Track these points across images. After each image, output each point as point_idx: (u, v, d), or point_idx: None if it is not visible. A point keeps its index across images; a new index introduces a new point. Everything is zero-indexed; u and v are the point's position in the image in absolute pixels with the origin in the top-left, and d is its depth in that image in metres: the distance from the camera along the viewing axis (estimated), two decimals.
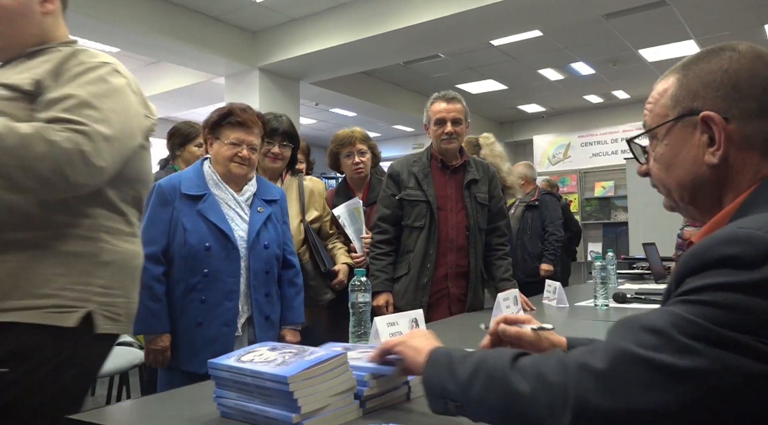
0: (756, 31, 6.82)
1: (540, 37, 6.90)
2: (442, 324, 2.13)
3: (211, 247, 1.86)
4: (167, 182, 1.93)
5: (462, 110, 2.45)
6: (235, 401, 0.97)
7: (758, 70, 0.79)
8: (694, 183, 0.83)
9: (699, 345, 0.62)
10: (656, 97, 0.88)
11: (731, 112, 0.78)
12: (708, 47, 0.85)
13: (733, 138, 0.78)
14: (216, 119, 1.97)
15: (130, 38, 5.77)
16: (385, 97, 9.05)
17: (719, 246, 0.66)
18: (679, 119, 0.83)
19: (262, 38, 6.68)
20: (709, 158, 0.80)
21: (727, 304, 0.62)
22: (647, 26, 6.62)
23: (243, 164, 1.94)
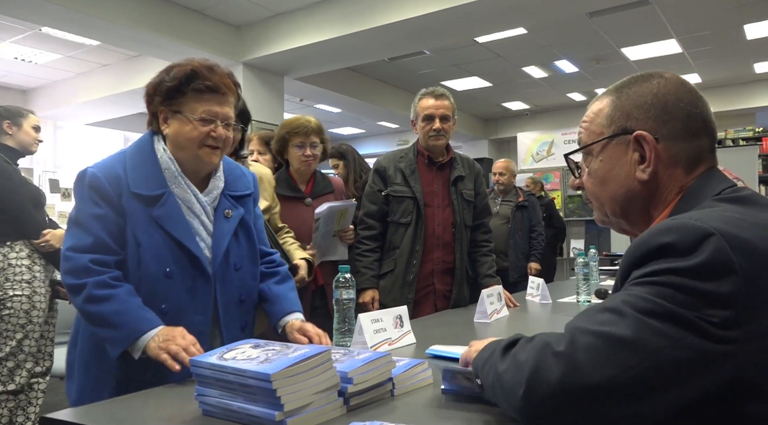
0: (736, 30, 6.92)
1: (524, 35, 6.93)
2: (427, 320, 2.13)
3: (172, 273, 1.37)
4: (106, 171, 1.37)
5: (450, 106, 2.44)
6: (217, 399, 0.96)
7: (683, 96, 0.88)
8: (626, 197, 0.90)
9: (649, 319, 0.67)
10: (592, 116, 0.95)
11: (660, 132, 0.86)
12: (637, 74, 0.94)
13: (661, 156, 0.87)
14: (174, 85, 1.40)
15: (111, 31, 5.68)
16: (370, 93, 9.03)
17: (657, 236, 0.73)
18: (613, 137, 0.90)
19: (246, 33, 6.62)
20: (640, 174, 0.88)
21: (672, 284, 0.68)
22: (630, 25, 6.68)
23: (217, 149, 1.42)
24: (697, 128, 0.87)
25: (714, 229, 0.69)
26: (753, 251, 0.69)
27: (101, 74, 8.11)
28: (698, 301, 0.67)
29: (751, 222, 0.73)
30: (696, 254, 0.68)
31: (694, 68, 8.39)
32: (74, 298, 1.31)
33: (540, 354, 0.70)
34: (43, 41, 6.88)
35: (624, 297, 0.70)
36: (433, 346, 1.49)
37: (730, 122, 8.76)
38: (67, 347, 1.48)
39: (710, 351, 0.66)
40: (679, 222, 0.72)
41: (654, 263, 0.71)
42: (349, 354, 1.08)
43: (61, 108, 8.73)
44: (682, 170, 0.87)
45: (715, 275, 0.67)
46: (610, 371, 0.65)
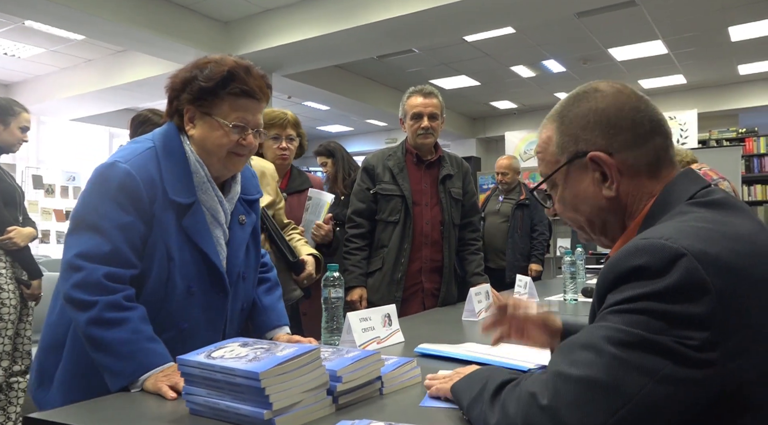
0: (721, 32, 7.00)
1: (513, 34, 6.95)
2: (416, 319, 2.13)
3: (195, 291, 1.28)
4: (140, 170, 1.22)
5: (439, 105, 2.44)
6: (204, 398, 0.95)
7: (623, 103, 0.88)
8: (599, 216, 0.91)
9: (626, 352, 0.67)
10: (543, 146, 0.95)
11: (612, 147, 0.87)
12: (573, 92, 0.94)
13: (621, 169, 0.87)
14: (208, 86, 1.27)
15: (96, 26, 5.60)
16: (358, 91, 9.01)
17: (628, 259, 0.72)
18: (569, 163, 0.91)
19: (234, 28, 6.57)
20: (607, 192, 0.88)
21: (646, 310, 0.68)
22: (617, 26, 6.73)
23: (243, 156, 1.34)
24: (645, 131, 0.87)
25: (685, 248, 0.69)
26: (725, 267, 0.68)
27: (86, 69, 8.01)
28: (672, 325, 0.66)
29: (723, 233, 0.72)
30: (667, 276, 0.68)
31: (679, 69, 8.49)
32: (78, 314, 1.15)
33: (527, 408, 0.69)
34: (27, 35, 6.77)
35: (600, 331, 0.70)
36: (422, 344, 1.49)
37: (714, 123, 8.88)
38: (39, 350, 1.30)
39: (691, 378, 0.66)
40: (649, 242, 0.72)
41: (627, 287, 0.71)
42: (337, 353, 1.08)
43: (44, 103, 8.61)
44: (645, 177, 0.87)
45: (688, 296, 0.67)
46: (596, 420, 0.65)
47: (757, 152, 7.54)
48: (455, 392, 0.93)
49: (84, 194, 1.25)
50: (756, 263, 0.71)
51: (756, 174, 7.50)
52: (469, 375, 0.92)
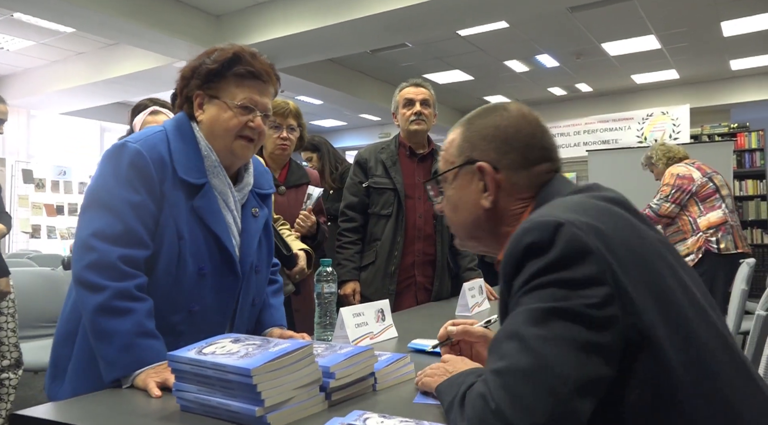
0: (713, 27, 7.02)
1: (506, 29, 6.94)
2: (409, 314, 2.13)
3: (206, 272, 1.27)
4: (150, 149, 1.23)
5: (430, 94, 2.45)
6: (195, 394, 0.94)
7: (522, 128, 0.96)
8: (473, 223, 0.98)
9: (543, 328, 0.71)
10: (446, 146, 1.02)
11: (501, 163, 0.95)
12: (487, 106, 1.02)
13: (502, 185, 0.95)
14: (215, 68, 1.30)
15: (87, 18, 5.54)
16: (351, 85, 8.98)
17: (518, 241, 0.79)
18: (461, 167, 0.98)
19: (225, 22, 6.52)
20: (484, 202, 0.95)
21: (548, 283, 0.74)
22: (610, 20, 6.74)
23: (252, 141, 1.33)
24: (535, 157, 0.95)
25: (563, 219, 0.76)
26: (597, 230, 0.76)
27: (76, 62, 7.93)
28: (574, 288, 0.72)
29: (589, 207, 0.81)
30: (555, 245, 0.74)
31: (672, 64, 8.51)
32: (87, 296, 1.14)
33: (481, 414, 0.71)
34: (16, 27, 6.69)
35: (518, 318, 0.74)
36: (415, 340, 1.48)
37: (706, 118, 8.92)
38: (54, 344, 1.29)
39: (603, 342, 0.70)
40: (532, 221, 0.79)
41: (526, 268, 0.76)
42: (330, 349, 1.07)
43: (34, 96, 8.53)
44: (525, 195, 0.95)
45: (577, 259, 0.73)
46: (542, 407, 0.67)
47: (748, 147, 7.58)
48: (439, 393, 0.94)
49: (96, 174, 1.25)
50: (615, 230, 0.78)
51: (747, 169, 7.54)
52: (452, 377, 0.93)
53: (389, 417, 0.84)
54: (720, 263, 3.52)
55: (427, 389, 1.02)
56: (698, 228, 3.60)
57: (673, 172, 3.74)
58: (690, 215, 3.66)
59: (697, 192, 3.65)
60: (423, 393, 1.04)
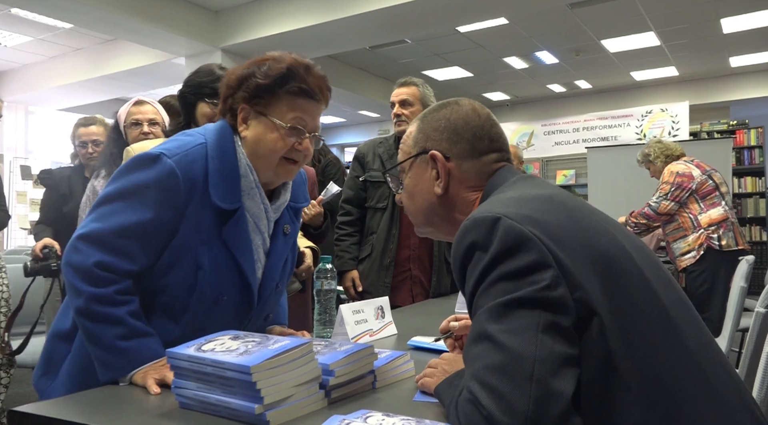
0: (713, 24, 7.01)
1: (505, 25, 6.93)
2: (408, 310, 2.13)
3: (225, 300, 1.21)
4: (185, 169, 1.14)
5: (415, 92, 2.45)
6: (194, 391, 0.93)
7: (471, 120, 1.03)
8: (428, 209, 1.05)
9: (507, 323, 0.73)
10: (405, 139, 1.09)
11: (451, 152, 1.02)
12: (442, 102, 1.09)
13: (453, 173, 1.02)
14: (266, 83, 1.19)
15: (85, 14, 5.52)
16: (350, 82, 8.97)
17: (461, 241, 0.83)
18: (416, 156, 1.05)
19: (224, 18, 6.50)
20: (436, 189, 1.02)
21: (497, 277, 0.77)
22: (610, 17, 6.73)
23: (297, 163, 1.24)
24: (483, 147, 1.02)
25: (498, 213, 0.80)
26: (533, 219, 0.80)
27: (74, 58, 7.91)
28: (523, 277, 0.75)
29: (524, 199, 0.87)
30: (495, 240, 0.78)
31: (671, 61, 8.50)
32: (70, 299, 1.13)
33: (474, 420, 0.71)
34: (13, 23, 6.67)
35: (480, 319, 0.77)
36: (415, 337, 1.48)
37: (705, 115, 8.92)
38: (49, 337, 1.26)
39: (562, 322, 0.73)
40: (470, 219, 0.83)
41: (473, 267, 0.80)
42: (330, 346, 1.07)
43: (32, 92, 8.51)
44: (474, 183, 1.01)
45: (518, 248, 0.77)
46: (520, 394, 0.68)
47: (747, 145, 7.59)
48: (438, 394, 0.94)
49: (118, 176, 1.18)
50: (549, 215, 0.82)
51: (746, 166, 7.55)
52: (450, 377, 0.93)
53: (391, 416, 0.84)
54: (721, 259, 3.53)
55: (426, 390, 1.02)
56: (699, 225, 3.60)
57: (673, 170, 3.73)
58: (690, 212, 3.66)
59: (697, 190, 3.65)
60: (423, 392, 1.04)
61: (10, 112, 8.75)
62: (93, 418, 0.90)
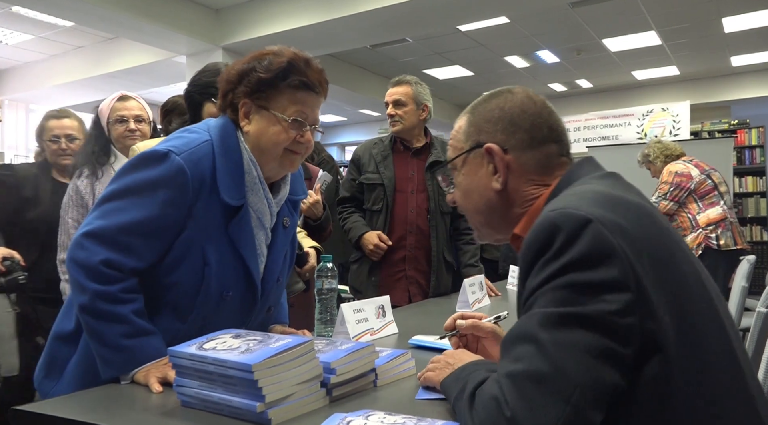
0: (714, 23, 7.01)
1: (507, 24, 6.92)
2: (409, 310, 2.13)
3: (229, 296, 1.23)
4: (194, 166, 1.15)
5: (407, 91, 2.44)
6: (196, 390, 0.94)
7: (528, 107, 0.95)
8: (486, 207, 0.97)
9: (559, 333, 0.69)
10: (454, 134, 1.02)
11: (509, 143, 0.94)
12: (491, 91, 1.01)
13: (511, 166, 0.94)
14: (267, 77, 1.21)
15: (86, 12, 5.52)
16: (351, 80, 8.96)
17: (539, 232, 0.76)
18: (470, 151, 0.97)
19: (225, 16, 6.50)
20: (495, 185, 0.95)
21: (566, 284, 0.71)
22: (611, 16, 6.72)
23: (299, 155, 1.26)
24: (542, 136, 0.94)
25: (590, 215, 0.73)
26: (624, 231, 0.73)
27: (75, 57, 7.91)
28: (594, 292, 0.70)
29: (617, 201, 0.78)
30: (578, 243, 0.72)
31: (672, 61, 8.50)
32: (74, 295, 1.13)
33: (494, 418, 0.70)
34: (14, 21, 6.67)
35: (532, 319, 0.72)
36: (416, 336, 1.48)
37: (706, 115, 8.91)
38: (51, 339, 1.26)
39: (622, 352, 0.69)
40: (557, 213, 0.76)
41: (545, 263, 0.74)
42: (331, 345, 1.07)
43: (33, 91, 8.51)
44: (535, 176, 0.94)
45: (601, 261, 0.70)
46: (555, 413, 0.66)
47: (748, 144, 7.58)
48: (443, 388, 0.94)
49: (126, 168, 1.17)
50: (643, 230, 0.75)
51: (747, 166, 7.54)
52: (456, 371, 0.92)
53: (392, 414, 0.84)
54: (719, 258, 3.53)
55: (430, 383, 1.01)
56: (698, 225, 3.60)
57: (672, 170, 3.74)
58: (689, 212, 3.66)
59: (696, 189, 3.65)
60: (425, 388, 1.04)
61: (11, 110, 8.76)
62: (95, 417, 0.91)
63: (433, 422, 0.80)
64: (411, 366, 1.16)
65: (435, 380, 0.99)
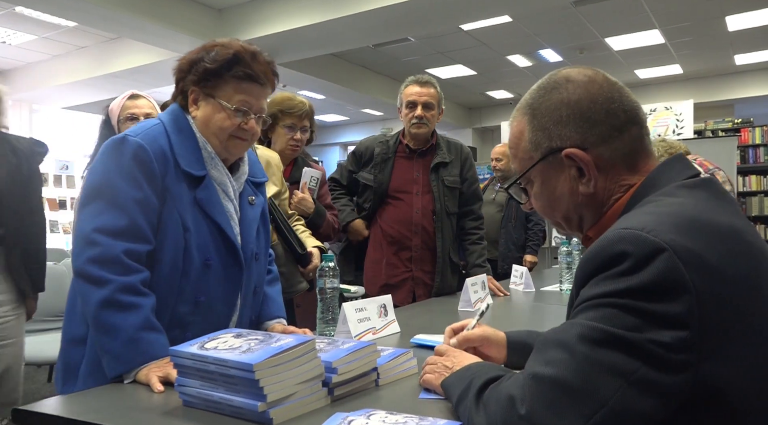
0: (718, 22, 6.98)
1: (509, 23, 6.91)
2: (411, 309, 2.13)
3: (212, 262, 1.28)
4: (152, 143, 1.23)
5: (435, 95, 2.42)
6: (198, 389, 0.94)
7: (595, 94, 0.84)
8: (576, 212, 0.88)
9: (598, 351, 0.65)
10: (515, 141, 0.91)
11: (588, 141, 0.83)
12: (544, 82, 0.90)
13: (598, 164, 0.83)
14: (213, 67, 1.29)
15: (88, 12, 5.53)
16: (354, 80, 8.96)
17: (605, 249, 0.70)
18: (543, 160, 0.87)
19: (228, 16, 6.50)
20: (584, 189, 0.85)
21: (621, 306, 0.66)
22: (614, 15, 6.70)
23: (245, 141, 1.34)
24: (621, 122, 0.83)
25: (666, 243, 0.66)
26: (705, 265, 0.66)
27: (78, 57, 7.92)
28: (647, 323, 0.64)
29: (704, 225, 0.70)
30: (645, 271, 0.66)
31: (676, 59, 8.47)
32: (90, 290, 1.14)
33: (507, 415, 0.69)
34: (18, 21, 6.69)
35: (574, 329, 0.68)
36: (418, 335, 1.48)
37: (710, 113, 8.87)
38: (64, 344, 1.27)
39: (664, 381, 0.64)
40: (630, 233, 0.69)
41: (604, 280, 0.69)
42: (333, 344, 1.07)
43: (36, 91, 8.53)
44: (622, 169, 0.84)
45: (665, 295, 0.65)
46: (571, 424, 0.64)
47: (752, 143, 7.55)
48: (445, 387, 0.93)
49: (96, 168, 1.24)
50: (731, 261, 0.68)
51: (751, 165, 7.51)
52: (459, 371, 0.92)
53: (394, 413, 0.84)
54: None
55: (429, 386, 1.01)
56: None
57: None
58: None
59: None
60: (427, 389, 1.03)
61: (14, 110, 8.78)
62: (97, 416, 0.91)
63: (435, 421, 0.79)
64: (413, 365, 1.16)
65: (435, 383, 0.98)
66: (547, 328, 0.76)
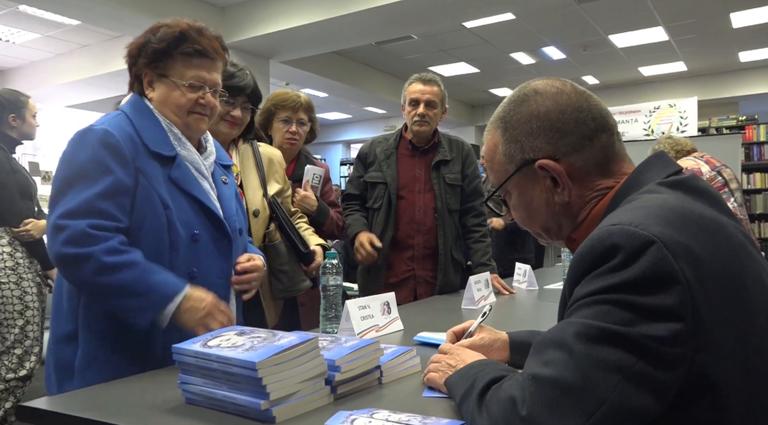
0: (722, 18, 6.95)
1: (512, 20, 6.89)
2: (415, 307, 2.12)
3: (199, 236, 1.31)
4: (118, 129, 1.26)
5: (439, 93, 2.41)
6: (200, 387, 0.94)
7: (564, 105, 0.86)
8: (555, 221, 0.90)
9: (595, 348, 0.66)
10: (490, 154, 0.93)
11: (560, 152, 0.85)
12: (514, 95, 0.92)
13: (571, 173, 0.85)
14: (161, 47, 1.31)
15: (92, 10, 5.54)
16: (357, 77, 8.95)
17: (594, 247, 0.71)
18: (518, 172, 0.89)
19: (230, 14, 6.50)
20: (559, 198, 0.87)
21: (615, 301, 0.67)
22: (617, 12, 6.67)
23: (205, 115, 1.37)
24: (590, 130, 0.85)
25: (654, 236, 0.67)
26: (693, 255, 0.68)
27: (81, 55, 7.93)
28: (642, 317, 0.65)
29: (689, 218, 0.71)
30: (636, 265, 0.67)
31: (679, 56, 8.43)
32: (79, 271, 1.17)
33: (509, 416, 0.69)
34: (21, 20, 6.69)
35: (570, 328, 0.69)
36: (421, 333, 1.48)
37: (714, 111, 8.84)
38: (54, 343, 1.28)
39: (660, 375, 0.65)
40: (618, 229, 0.70)
41: (596, 276, 0.70)
42: (336, 342, 1.06)
43: (40, 89, 8.54)
44: (596, 175, 0.86)
45: (658, 287, 0.66)
46: (573, 424, 0.65)
47: (757, 140, 7.51)
48: (449, 386, 0.93)
49: (64, 158, 1.26)
50: (717, 253, 0.70)
51: (756, 162, 7.47)
52: (462, 370, 0.92)
53: (397, 412, 0.83)
54: None
55: (433, 385, 1.01)
56: None
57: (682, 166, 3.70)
58: None
59: None
60: (430, 387, 1.03)
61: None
62: (100, 413, 0.91)
63: (438, 420, 0.79)
64: (416, 363, 1.16)
65: (439, 381, 0.98)
66: (550, 326, 0.76)
